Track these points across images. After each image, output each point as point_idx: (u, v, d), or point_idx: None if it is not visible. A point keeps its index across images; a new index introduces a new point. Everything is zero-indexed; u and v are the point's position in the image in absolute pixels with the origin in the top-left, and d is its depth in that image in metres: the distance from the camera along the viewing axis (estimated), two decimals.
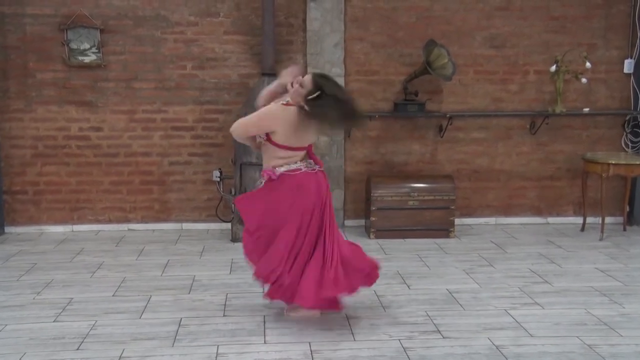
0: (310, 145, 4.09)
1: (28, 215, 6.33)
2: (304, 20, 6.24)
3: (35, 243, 5.93)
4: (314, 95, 3.75)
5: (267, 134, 3.90)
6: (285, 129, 3.84)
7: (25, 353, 3.57)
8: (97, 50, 6.09)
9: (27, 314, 4.17)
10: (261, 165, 5.64)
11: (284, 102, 3.91)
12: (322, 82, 3.81)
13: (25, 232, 6.29)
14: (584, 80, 6.16)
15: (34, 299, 4.45)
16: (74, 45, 6.07)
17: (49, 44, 6.09)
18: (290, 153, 3.92)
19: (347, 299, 4.24)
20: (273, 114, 3.88)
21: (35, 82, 6.13)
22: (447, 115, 6.27)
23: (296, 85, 3.85)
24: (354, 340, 3.76)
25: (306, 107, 3.79)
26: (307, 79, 3.83)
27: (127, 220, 6.42)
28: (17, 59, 6.09)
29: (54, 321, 4.05)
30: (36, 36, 6.07)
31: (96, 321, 4.03)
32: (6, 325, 3.97)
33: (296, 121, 3.83)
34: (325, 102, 3.76)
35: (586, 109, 6.43)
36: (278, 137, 3.87)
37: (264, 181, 4.01)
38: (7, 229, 6.28)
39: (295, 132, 3.85)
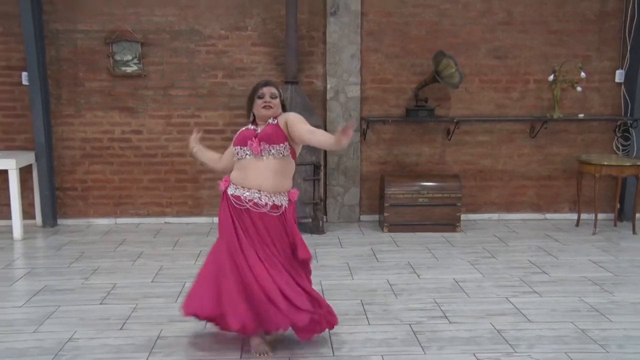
0: None
1: (77, 209, 6.42)
2: (324, 34, 6.27)
3: (84, 234, 6.02)
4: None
5: (293, 149, 3.51)
6: None
7: (75, 331, 3.65)
8: (138, 62, 6.16)
9: (77, 297, 4.25)
10: None
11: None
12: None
13: (75, 224, 6.38)
14: (579, 88, 6.11)
15: (82, 283, 4.53)
16: (118, 57, 6.14)
17: (97, 56, 6.17)
18: None
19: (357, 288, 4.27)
20: None
21: (84, 90, 6.22)
22: (455, 120, 6.26)
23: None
24: (369, 324, 3.78)
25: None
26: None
27: (163, 214, 6.49)
28: (69, 70, 6.18)
29: (100, 304, 4.12)
30: (85, 49, 6.15)
31: (137, 304, 4.10)
32: (59, 306, 4.05)
33: None
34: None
35: (581, 115, 6.38)
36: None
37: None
38: (60, 221, 6.37)
39: None
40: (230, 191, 3.47)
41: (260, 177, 3.39)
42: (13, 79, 6.13)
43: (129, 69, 6.18)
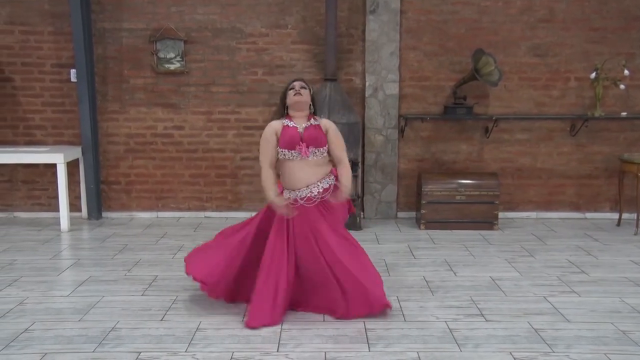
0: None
1: (121, 203, 6.54)
2: (363, 31, 6.23)
3: (127, 227, 6.12)
4: None
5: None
6: None
7: (118, 321, 3.71)
8: (180, 59, 6.23)
9: (119, 287, 4.32)
10: None
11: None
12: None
13: (118, 217, 6.50)
14: (622, 86, 5.96)
15: (125, 275, 4.61)
16: (161, 55, 6.22)
17: (141, 54, 6.26)
18: None
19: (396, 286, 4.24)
20: None
21: (129, 87, 6.32)
22: (493, 118, 6.16)
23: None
24: (405, 320, 3.75)
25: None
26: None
27: (203, 209, 6.55)
28: (115, 67, 6.29)
29: (141, 295, 4.18)
30: (130, 47, 6.25)
31: (177, 296, 4.14)
32: (103, 296, 4.13)
33: None
34: None
35: (624, 113, 6.21)
36: None
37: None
38: (104, 214, 6.50)
39: None
40: (285, 196, 3.82)
41: (306, 177, 3.76)
42: (62, 76, 6.28)
43: (172, 66, 6.25)
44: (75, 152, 6.16)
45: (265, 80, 6.31)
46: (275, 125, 3.83)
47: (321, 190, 3.76)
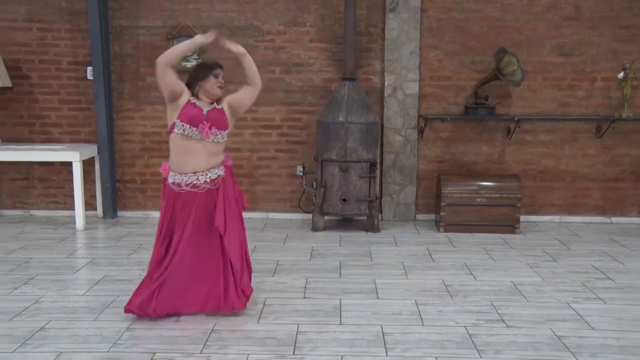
0: None
1: (136, 202, 6.58)
2: (383, 30, 6.21)
3: (142, 226, 6.16)
4: None
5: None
6: None
7: (133, 321, 3.71)
8: (197, 57, 6.25)
9: (134, 287, 4.26)
10: (341, 161, 5.72)
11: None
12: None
13: (133, 216, 6.54)
14: None
15: (140, 275, 4.59)
16: None
17: (158, 52, 6.20)
18: None
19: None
20: None
21: (145, 85, 6.36)
22: (516, 119, 6.11)
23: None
24: (423, 325, 3.73)
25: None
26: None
27: None
28: (131, 65, 6.33)
29: None
30: (147, 45, 6.29)
31: None
32: (118, 296, 4.15)
33: None
34: None
35: None
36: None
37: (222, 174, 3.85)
38: (119, 213, 6.55)
39: None
40: (170, 179, 3.79)
41: (197, 162, 3.72)
42: (79, 73, 6.34)
43: (188, 64, 6.25)
44: (91, 150, 6.21)
45: (283, 79, 6.31)
46: (187, 93, 3.79)
47: (208, 181, 3.74)
